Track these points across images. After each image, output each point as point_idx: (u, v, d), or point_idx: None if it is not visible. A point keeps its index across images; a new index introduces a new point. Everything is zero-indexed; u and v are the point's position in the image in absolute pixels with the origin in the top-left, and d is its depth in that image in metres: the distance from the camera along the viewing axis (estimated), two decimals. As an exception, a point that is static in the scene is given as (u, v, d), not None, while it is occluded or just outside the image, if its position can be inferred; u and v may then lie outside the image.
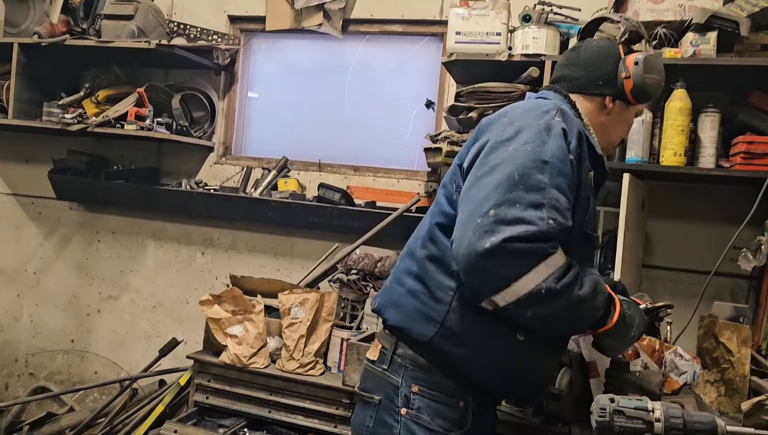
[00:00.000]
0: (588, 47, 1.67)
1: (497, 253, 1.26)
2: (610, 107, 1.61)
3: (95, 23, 3.11)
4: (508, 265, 1.28)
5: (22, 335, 3.73)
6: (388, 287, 1.62)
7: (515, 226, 1.27)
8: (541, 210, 1.30)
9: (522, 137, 1.38)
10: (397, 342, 1.54)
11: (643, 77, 1.57)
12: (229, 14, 3.34)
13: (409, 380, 1.50)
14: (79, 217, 3.61)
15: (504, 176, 1.33)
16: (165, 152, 3.43)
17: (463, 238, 1.31)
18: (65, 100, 3.16)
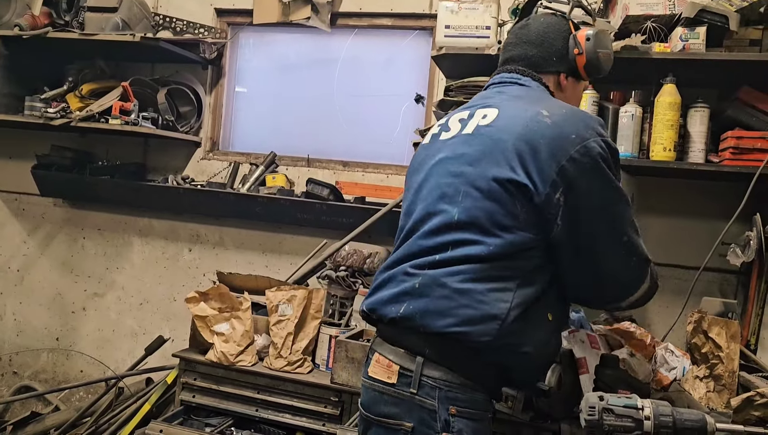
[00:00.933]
0: (537, 24, 1.64)
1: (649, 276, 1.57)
2: (565, 84, 1.62)
3: (78, 15, 3.06)
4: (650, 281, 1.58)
5: (5, 334, 3.67)
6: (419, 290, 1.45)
7: (648, 262, 1.56)
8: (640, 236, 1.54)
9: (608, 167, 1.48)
10: (423, 363, 1.42)
11: (595, 52, 1.59)
12: (216, 7, 3.30)
13: (446, 402, 1.41)
14: (64, 214, 3.56)
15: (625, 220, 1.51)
16: (151, 148, 3.38)
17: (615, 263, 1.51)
18: (48, 94, 3.11)
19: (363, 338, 2.36)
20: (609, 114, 2.44)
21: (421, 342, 1.43)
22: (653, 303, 2.72)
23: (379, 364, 1.49)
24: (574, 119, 1.45)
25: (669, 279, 2.66)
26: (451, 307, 1.40)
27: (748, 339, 2.31)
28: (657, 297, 2.61)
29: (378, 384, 1.49)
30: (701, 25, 2.26)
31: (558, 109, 1.47)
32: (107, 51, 3.15)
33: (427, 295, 1.43)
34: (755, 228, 2.17)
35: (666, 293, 2.63)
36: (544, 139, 1.41)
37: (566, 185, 1.40)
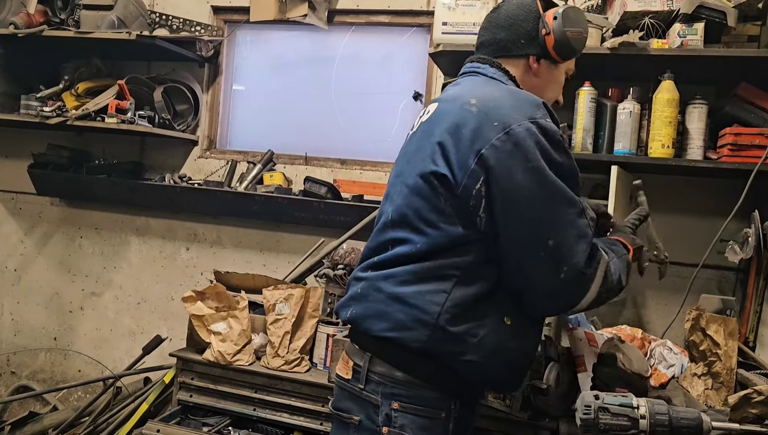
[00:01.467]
0: (507, 6, 1.59)
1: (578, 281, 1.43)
2: (536, 67, 1.55)
3: (74, 13, 3.04)
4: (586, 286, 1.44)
5: (3, 333, 3.67)
6: (362, 295, 1.49)
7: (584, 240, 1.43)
8: (584, 217, 1.44)
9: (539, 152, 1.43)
10: (371, 359, 1.45)
11: (563, 32, 1.51)
12: (212, 5, 3.29)
13: (389, 398, 1.42)
14: (61, 213, 3.55)
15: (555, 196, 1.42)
16: (148, 146, 3.37)
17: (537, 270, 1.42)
18: (44, 92, 3.10)
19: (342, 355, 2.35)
20: (607, 111, 2.43)
21: (367, 342, 1.47)
22: (651, 300, 2.72)
23: (342, 361, 1.56)
24: (505, 105, 1.39)
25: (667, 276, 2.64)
26: (387, 312, 1.42)
27: (747, 336, 2.31)
28: (655, 294, 2.61)
29: (339, 380, 1.55)
30: (699, 21, 2.25)
31: (491, 96, 1.42)
32: (103, 49, 3.14)
33: (366, 299, 1.47)
34: (753, 225, 2.16)
35: (664, 290, 2.63)
36: (466, 129, 1.38)
37: (486, 174, 1.34)
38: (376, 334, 1.43)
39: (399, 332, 1.40)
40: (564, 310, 1.51)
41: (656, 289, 2.67)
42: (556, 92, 1.62)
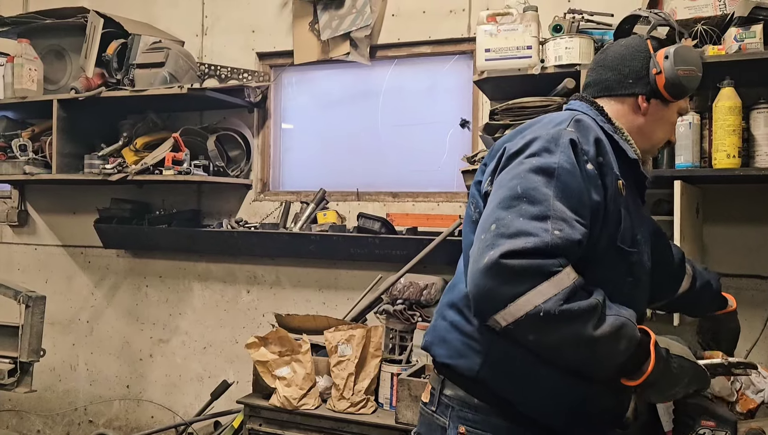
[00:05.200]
0: (615, 47, 1.58)
1: (495, 268, 1.18)
2: (645, 106, 1.51)
3: (129, 73, 3.17)
4: (507, 282, 1.18)
5: (79, 383, 3.79)
6: (434, 323, 1.54)
7: (516, 238, 1.19)
8: (546, 221, 1.21)
9: (530, 150, 1.33)
10: (444, 381, 1.46)
11: (674, 70, 1.47)
12: (257, 51, 3.37)
13: (456, 421, 1.41)
14: (127, 264, 3.66)
15: (508, 190, 1.28)
16: (204, 193, 3.46)
17: (471, 256, 1.25)
18: (105, 150, 3.23)
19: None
20: (664, 124, 2.33)
21: (439, 367, 1.49)
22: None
23: (426, 387, 1.57)
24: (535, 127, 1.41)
25: (746, 291, 2.50)
26: (446, 339, 1.44)
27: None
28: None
29: (421, 405, 1.56)
30: (756, 23, 2.14)
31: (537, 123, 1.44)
32: (157, 104, 3.25)
33: (435, 327, 1.51)
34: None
35: (744, 306, 2.47)
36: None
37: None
38: (439, 360, 1.47)
39: (455, 360, 1.42)
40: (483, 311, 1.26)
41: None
42: (666, 132, 1.58)
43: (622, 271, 1.40)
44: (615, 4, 2.56)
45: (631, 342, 1.24)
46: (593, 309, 1.20)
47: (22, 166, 3.29)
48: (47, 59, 3.36)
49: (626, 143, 1.48)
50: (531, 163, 1.29)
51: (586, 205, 1.28)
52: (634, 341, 1.25)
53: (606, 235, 1.34)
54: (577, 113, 1.45)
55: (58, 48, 3.36)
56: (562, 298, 1.17)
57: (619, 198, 1.37)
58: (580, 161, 1.31)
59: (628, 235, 1.40)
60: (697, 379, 1.36)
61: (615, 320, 1.23)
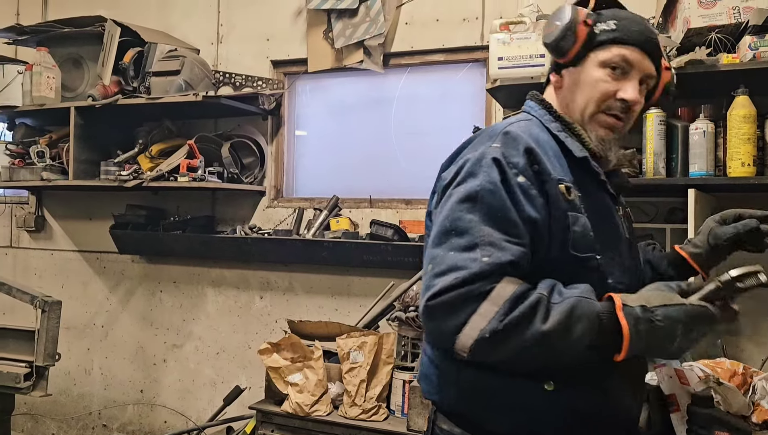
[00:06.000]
0: None
1: (432, 308, 1.17)
2: (556, 79, 1.43)
3: (145, 81, 3.21)
4: (446, 318, 1.16)
5: (94, 387, 3.82)
6: (420, 356, 1.55)
7: (447, 275, 1.17)
8: (475, 250, 1.18)
9: (458, 178, 1.29)
10: (435, 413, 1.41)
11: (550, 32, 1.40)
12: (271, 59, 3.40)
13: None
14: (141, 270, 3.70)
15: (440, 226, 1.25)
16: (219, 200, 3.49)
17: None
18: (121, 157, 3.27)
19: None
20: (678, 132, 2.33)
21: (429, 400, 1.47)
22: (744, 326, 2.54)
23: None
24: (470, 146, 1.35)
25: (762, 298, 2.48)
26: (427, 373, 1.41)
27: None
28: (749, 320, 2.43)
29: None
30: (771, 31, 2.13)
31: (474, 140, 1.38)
32: (173, 111, 3.29)
33: (421, 360, 1.49)
34: None
35: (759, 314, 2.46)
36: None
37: None
38: (425, 395, 1.44)
39: (434, 395, 1.39)
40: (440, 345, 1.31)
41: (751, 314, 2.50)
42: (586, 94, 1.38)
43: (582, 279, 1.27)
44: (628, 13, 2.56)
45: (590, 319, 1.16)
46: (536, 305, 1.15)
47: (40, 173, 3.34)
48: (65, 67, 3.41)
49: (575, 139, 1.38)
50: (458, 192, 1.26)
51: (515, 222, 1.23)
52: (593, 316, 1.17)
53: (557, 244, 1.27)
54: (513, 122, 1.38)
55: (76, 56, 3.41)
56: (503, 312, 1.14)
57: (563, 203, 1.29)
58: (507, 177, 1.25)
59: (583, 241, 1.30)
60: (697, 319, 1.18)
61: (564, 305, 1.16)
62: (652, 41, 1.38)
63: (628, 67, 1.36)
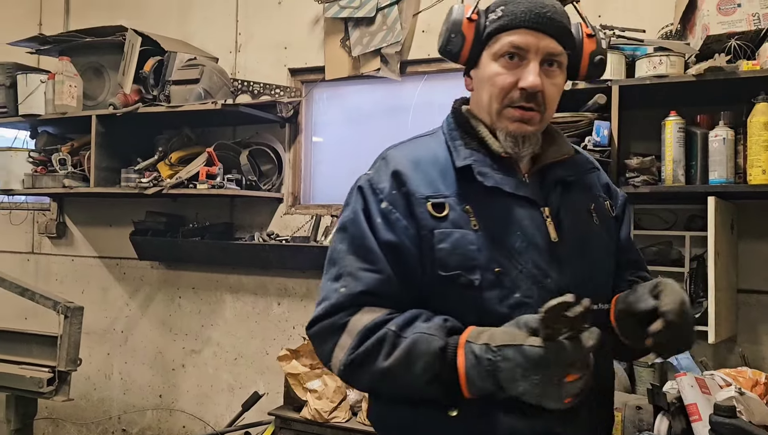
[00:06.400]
0: None
1: (310, 337, 1.26)
2: (467, 81, 1.36)
3: (164, 89, 3.25)
4: (319, 346, 1.24)
5: (113, 392, 3.87)
6: None
7: (319, 306, 1.23)
8: (339, 280, 1.21)
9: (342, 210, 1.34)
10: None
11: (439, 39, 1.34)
12: (289, 67, 3.43)
13: None
14: (161, 275, 3.74)
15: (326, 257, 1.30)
16: (237, 207, 3.52)
17: None
18: (141, 165, 3.31)
19: None
20: (697, 139, 2.32)
21: None
22: (765, 333, 2.52)
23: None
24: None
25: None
26: None
27: None
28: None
29: None
30: (792, 37, 2.13)
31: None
32: (192, 119, 3.33)
33: None
34: None
35: (780, 324, 2.44)
36: None
37: None
38: None
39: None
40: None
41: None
42: (487, 90, 1.27)
43: (456, 299, 1.21)
44: (646, 20, 2.57)
45: (429, 356, 1.11)
46: (382, 340, 1.15)
47: (62, 180, 3.39)
48: (86, 76, 3.46)
49: (464, 148, 1.29)
50: (338, 222, 1.32)
51: (372, 249, 1.21)
52: (432, 353, 1.11)
53: (428, 264, 1.22)
54: (404, 142, 1.40)
55: (97, 65, 3.46)
56: (353, 346, 1.16)
57: (431, 222, 1.22)
58: (368, 205, 1.26)
59: (452, 259, 1.21)
60: (532, 362, 1.03)
61: (407, 342, 1.13)
62: (544, 16, 1.23)
63: (522, 53, 1.23)
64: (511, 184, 1.26)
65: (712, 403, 1.73)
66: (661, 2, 2.60)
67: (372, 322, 1.17)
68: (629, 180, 2.40)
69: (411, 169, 1.27)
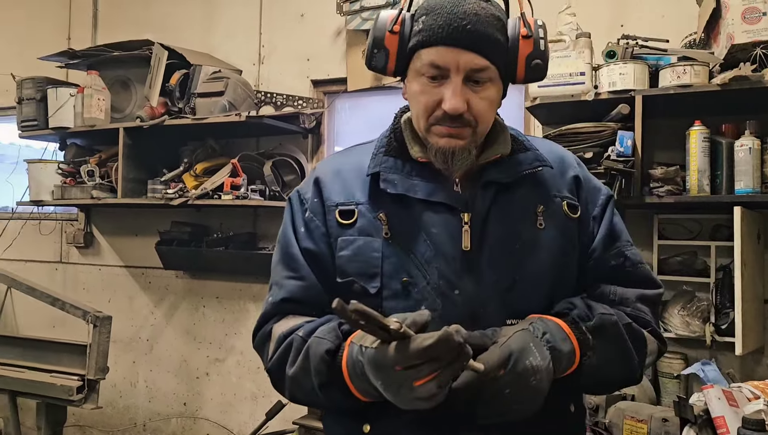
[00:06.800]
0: None
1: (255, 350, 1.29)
2: (404, 89, 1.28)
3: (190, 101, 3.30)
4: (260, 354, 1.26)
5: (139, 400, 3.92)
6: None
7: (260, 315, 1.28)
8: (270, 290, 1.27)
9: None
10: None
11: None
12: (312, 79, 3.47)
13: None
14: (185, 285, 3.79)
15: None
16: (260, 217, 3.56)
17: None
18: (167, 176, 3.36)
19: None
20: (723, 149, 2.31)
21: None
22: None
23: None
24: None
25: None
26: None
27: None
28: None
29: None
30: (818, 46, 2.11)
31: None
32: (217, 131, 3.37)
33: None
34: None
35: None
36: None
37: None
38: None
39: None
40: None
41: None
42: (415, 106, 1.21)
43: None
44: (669, 30, 2.56)
45: (317, 359, 1.09)
46: (288, 348, 1.15)
47: (90, 191, 3.46)
48: (114, 89, 3.53)
49: (384, 154, 1.25)
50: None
51: (295, 256, 1.24)
52: (320, 357, 1.08)
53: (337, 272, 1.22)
54: (341, 151, 1.45)
55: (124, 78, 3.53)
56: (271, 354, 1.19)
57: (337, 229, 1.22)
58: (295, 214, 1.29)
59: (350, 266, 1.20)
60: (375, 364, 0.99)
61: (305, 347, 1.12)
62: (463, 30, 1.12)
63: (443, 72, 1.14)
64: (426, 189, 1.20)
65: (740, 416, 1.71)
66: (685, 11, 2.59)
67: (289, 328, 1.18)
68: (653, 190, 2.39)
69: (330, 178, 1.28)
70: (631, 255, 1.29)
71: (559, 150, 1.35)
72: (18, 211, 4.16)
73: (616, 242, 1.28)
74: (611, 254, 1.27)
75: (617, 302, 1.25)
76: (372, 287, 1.18)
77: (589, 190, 1.30)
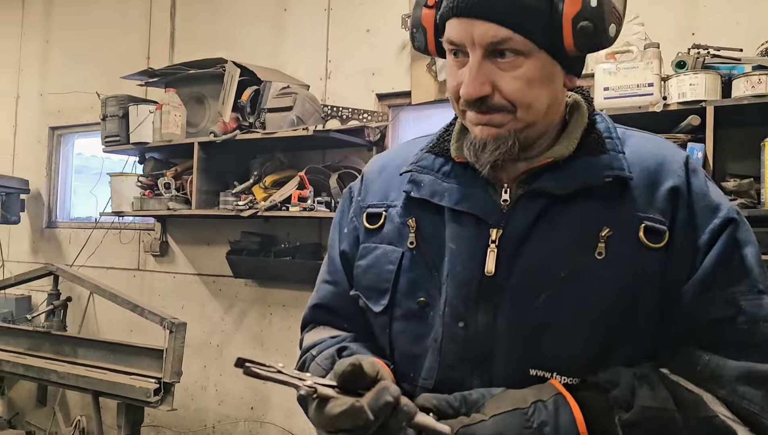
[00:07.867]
0: None
1: None
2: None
3: (260, 117, 3.43)
4: None
5: (209, 403, 4.07)
6: None
7: None
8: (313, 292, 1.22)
9: None
10: None
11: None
12: (377, 93, 3.54)
13: None
14: (253, 293, 3.92)
15: None
16: (325, 228, 3.62)
17: None
18: (238, 188, 3.50)
19: None
20: (801, 160, 2.22)
21: None
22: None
23: None
24: None
25: None
26: None
27: None
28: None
29: None
30: None
31: None
32: (285, 144, 3.49)
33: None
34: None
35: None
36: None
37: None
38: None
39: None
40: None
41: None
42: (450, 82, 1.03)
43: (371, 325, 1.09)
44: (744, 37, 2.49)
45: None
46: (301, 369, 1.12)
47: (166, 203, 3.64)
48: (189, 105, 3.71)
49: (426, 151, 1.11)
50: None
51: (334, 259, 1.15)
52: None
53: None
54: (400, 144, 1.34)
55: (199, 94, 3.71)
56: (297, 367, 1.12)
57: (363, 234, 1.11)
58: (344, 212, 1.18)
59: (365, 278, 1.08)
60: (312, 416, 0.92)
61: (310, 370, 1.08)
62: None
63: (461, 47, 0.96)
64: (455, 195, 1.01)
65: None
66: (761, 18, 2.52)
67: (311, 343, 1.13)
68: (726, 203, 2.32)
69: (374, 175, 1.16)
70: (750, 307, 0.90)
71: (660, 152, 1.01)
72: (101, 221, 4.41)
73: (729, 286, 0.91)
74: (715, 302, 0.91)
75: (707, 379, 0.88)
76: (378, 305, 1.04)
77: (699, 209, 0.95)
